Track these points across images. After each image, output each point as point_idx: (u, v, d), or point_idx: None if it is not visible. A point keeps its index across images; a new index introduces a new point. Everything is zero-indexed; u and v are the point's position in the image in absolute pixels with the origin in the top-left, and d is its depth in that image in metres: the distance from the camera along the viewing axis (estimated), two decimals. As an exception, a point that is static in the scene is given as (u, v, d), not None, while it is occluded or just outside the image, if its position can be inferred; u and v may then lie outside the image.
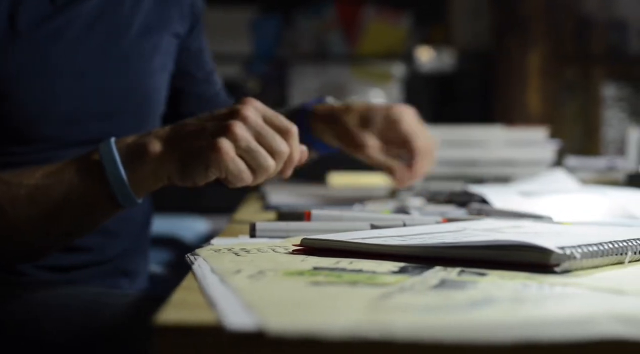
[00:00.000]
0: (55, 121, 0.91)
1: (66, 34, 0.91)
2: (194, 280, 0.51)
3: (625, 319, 0.38)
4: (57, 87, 0.90)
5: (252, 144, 0.73)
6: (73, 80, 0.91)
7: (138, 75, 0.98)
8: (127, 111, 0.97)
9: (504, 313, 0.40)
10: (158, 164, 0.76)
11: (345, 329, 0.36)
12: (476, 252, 0.58)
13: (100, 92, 0.94)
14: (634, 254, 0.62)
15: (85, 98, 0.93)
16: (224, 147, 0.72)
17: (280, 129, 0.76)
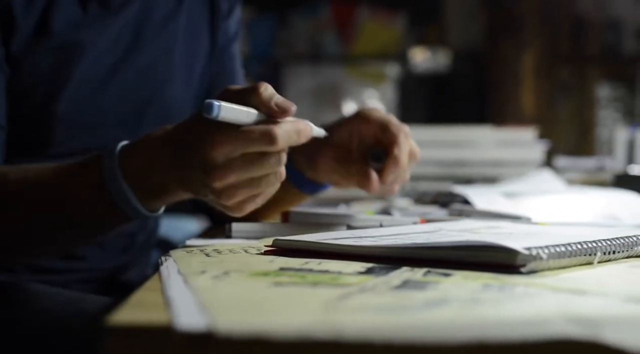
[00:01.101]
0: (74, 129, 0.91)
1: (94, 44, 0.91)
2: (159, 281, 0.51)
3: (577, 320, 0.38)
4: (78, 95, 0.90)
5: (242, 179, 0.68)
6: (95, 90, 0.92)
7: (159, 86, 0.99)
8: (145, 120, 0.98)
9: (456, 314, 0.40)
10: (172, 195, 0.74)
11: (295, 330, 0.36)
12: (443, 252, 0.58)
13: (120, 101, 0.95)
14: (603, 255, 0.63)
15: (105, 107, 0.94)
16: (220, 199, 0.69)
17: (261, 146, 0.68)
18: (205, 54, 1.06)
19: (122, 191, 0.71)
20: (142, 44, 0.96)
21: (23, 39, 0.86)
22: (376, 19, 4.09)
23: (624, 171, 1.60)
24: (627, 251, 0.65)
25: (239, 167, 0.67)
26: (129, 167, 0.72)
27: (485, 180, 1.75)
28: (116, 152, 0.72)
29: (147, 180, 0.72)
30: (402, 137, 0.88)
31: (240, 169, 0.67)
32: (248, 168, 0.67)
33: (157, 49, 0.97)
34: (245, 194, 0.69)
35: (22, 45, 0.86)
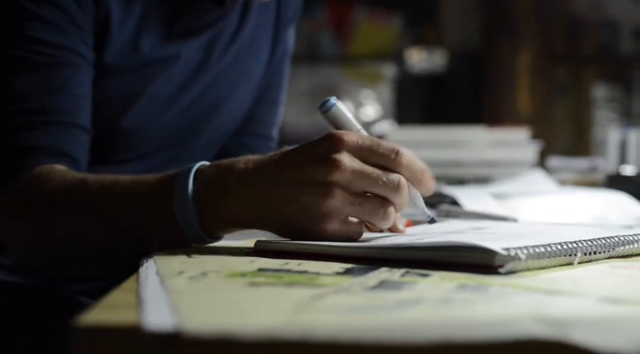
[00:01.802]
0: (138, 142, 0.94)
1: (173, 65, 0.94)
2: (137, 282, 0.51)
3: (545, 320, 0.39)
4: (145, 112, 0.93)
5: (355, 201, 0.64)
6: (160, 107, 0.95)
7: (217, 103, 1.02)
8: (202, 134, 1.01)
9: (427, 314, 0.40)
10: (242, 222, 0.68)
11: (263, 330, 0.36)
12: (422, 253, 0.58)
13: (180, 118, 0.98)
14: (584, 255, 0.63)
15: (166, 124, 0.96)
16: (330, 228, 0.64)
17: (384, 158, 0.65)
18: (264, 63, 1.08)
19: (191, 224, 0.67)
20: (209, 63, 0.98)
21: (115, 51, 0.88)
22: (373, 19, 4.09)
23: (616, 171, 1.60)
24: (609, 252, 0.65)
25: (359, 168, 0.63)
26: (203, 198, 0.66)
27: (478, 180, 1.75)
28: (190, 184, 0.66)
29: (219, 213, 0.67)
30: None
31: (359, 171, 0.63)
32: (367, 173, 0.63)
33: (221, 66, 1.00)
34: (349, 208, 0.63)
35: (113, 56, 0.88)
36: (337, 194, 0.62)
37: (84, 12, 0.83)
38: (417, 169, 0.67)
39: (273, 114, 1.14)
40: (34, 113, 0.80)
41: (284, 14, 1.09)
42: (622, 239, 0.67)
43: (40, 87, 0.80)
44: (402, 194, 0.65)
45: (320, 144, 0.64)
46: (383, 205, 0.65)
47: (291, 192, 0.64)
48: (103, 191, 0.72)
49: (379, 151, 0.65)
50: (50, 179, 0.75)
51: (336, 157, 0.63)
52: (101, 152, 0.90)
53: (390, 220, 0.66)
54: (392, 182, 0.64)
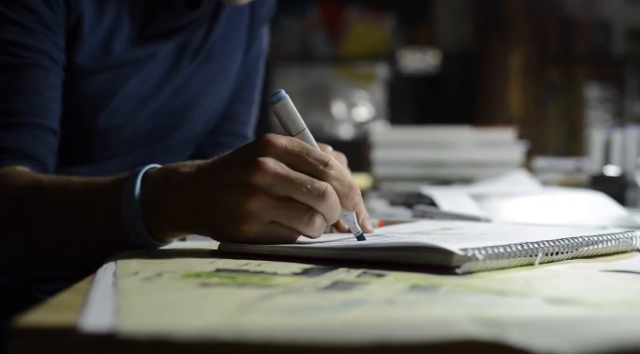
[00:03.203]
0: (112, 142, 0.95)
1: (144, 65, 0.94)
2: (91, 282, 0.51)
3: (483, 320, 0.39)
4: (118, 111, 0.94)
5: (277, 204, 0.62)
6: (133, 106, 0.95)
7: (191, 101, 1.02)
8: (174, 133, 1.01)
9: (368, 314, 0.40)
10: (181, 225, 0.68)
11: (198, 331, 0.36)
12: (381, 254, 0.58)
13: (153, 118, 0.98)
14: (545, 256, 0.63)
15: (139, 123, 0.97)
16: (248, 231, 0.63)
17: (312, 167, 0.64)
18: (240, 62, 1.08)
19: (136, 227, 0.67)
20: (182, 63, 0.99)
21: (87, 53, 0.88)
22: (365, 19, 4.09)
23: (600, 172, 1.60)
24: (572, 252, 0.66)
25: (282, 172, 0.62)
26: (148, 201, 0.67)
27: (463, 181, 1.76)
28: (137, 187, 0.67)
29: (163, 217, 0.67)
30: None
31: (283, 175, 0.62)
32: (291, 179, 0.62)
33: (194, 66, 1.00)
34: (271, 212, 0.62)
35: (85, 58, 0.88)
36: (258, 196, 0.62)
37: (55, 15, 0.84)
38: (346, 183, 0.65)
39: (248, 114, 1.15)
40: (0, 114, 0.80)
41: (258, 13, 1.09)
42: (586, 240, 0.67)
43: (8, 88, 0.80)
44: (328, 203, 0.63)
45: (250, 147, 0.64)
46: (307, 212, 0.63)
47: (216, 194, 0.63)
48: (55, 193, 0.72)
49: (307, 158, 0.64)
50: (9, 182, 0.75)
51: (261, 159, 0.62)
52: (76, 153, 0.90)
53: (315, 228, 0.64)
54: (317, 190, 0.63)
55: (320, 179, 0.63)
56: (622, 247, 0.71)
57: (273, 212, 0.62)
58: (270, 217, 0.63)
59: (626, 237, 0.72)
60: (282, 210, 0.63)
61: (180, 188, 0.66)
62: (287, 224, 0.63)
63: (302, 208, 0.63)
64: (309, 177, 0.63)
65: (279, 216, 0.63)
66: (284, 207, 0.63)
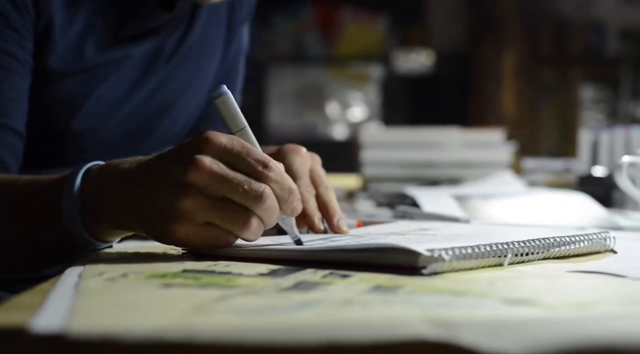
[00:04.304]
0: (86, 145, 0.94)
1: (118, 67, 0.94)
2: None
3: (435, 321, 0.39)
4: (92, 113, 0.93)
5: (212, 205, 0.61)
6: (108, 109, 0.95)
7: (168, 103, 1.02)
8: (152, 135, 1.01)
9: (321, 315, 0.41)
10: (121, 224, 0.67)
11: (148, 332, 0.36)
12: (348, 255, 0.58)
13: (129, 119, 0.98)
14: (515, 256, 0.63)
15: (115, 125, 0.96)
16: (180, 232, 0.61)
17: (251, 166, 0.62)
18: (219, 61, 1.08)
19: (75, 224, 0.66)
20: (157, 64, 0.98)
21: (58, 56, 0.88)
22: (359, 20, 4.09)
23: (587, 172, 1.60)
24: (543, 253, 0.66)
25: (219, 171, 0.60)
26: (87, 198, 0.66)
27: (451, 181, 1.76)
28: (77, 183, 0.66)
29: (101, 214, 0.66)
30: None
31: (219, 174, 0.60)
32: (227, 178, 0.60)
33: (170, 66, 1.00)
34: (205, 212, 0.60)
35: (57, 61, 0.88)
36: (192, 195, 0.60)
37: (23, 18, 0.83)
38: (285, 186, 0.63)
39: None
40: None
41: (238, 12, 1.09)
42: (557, 241, 0.67)
43: None
44: (265, 205, 0.61)
45: (189, 144, 0.62)
46: (243, 214, 0.61)
47: (150, 192, 0.61)
48: (2, 190, 0.72)
49: (246, 158, 0.61)
50: None
51: (197, 157, 0.60)
52: (52, 155, 0.90)
53: (251, 231, 0.62)
54: (253, 191, 0.60)
55: (258, 180, 0.61)
56: (595, 247, 0.71)
57: (207, 213, 0.60)
58: (204, 218, 0.61)
59: (600, 237, 0.72)
60: (216, 211, 0.60)
61: (118, 186, 0.64)
62: (222, 226, 0.61)
63: (238, 209, 0.61)
64: (246, 177, 0.61)
65: (214, 217, 0.61)
66: (219, 208, 0.60)
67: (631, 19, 4.23)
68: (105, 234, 0.68)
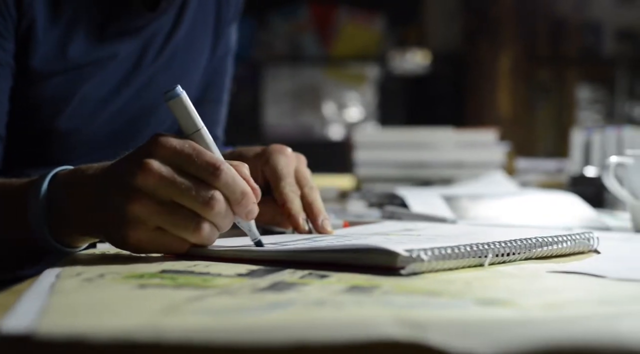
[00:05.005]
0: (73, 145, 0.94)
1: (104, 66, 0.94)
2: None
3: (405, 322, 0.39)
4: (78, 113, 0.93)
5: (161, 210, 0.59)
6: (95, 108, 0.94)
7: (154, 102, 1.01)
8: (139, 135, 1.00)
9: (292, 316, 0.41)
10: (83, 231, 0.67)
11: (116, 332, 0.36)
12: (327, 256, 0.58)
13: (115, 119, 0.97)
14: (496, 257, 0.63)
15: (101, 125, 0.96)
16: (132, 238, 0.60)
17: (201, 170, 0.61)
18: (205, 61, 1.08)
19: (41, 228, 0.66)
20: (143, 63, 0.98)
21: (41, 56, 0.87)
22: (355, 20, 4.09)
23: (580, 172, 1.60)
24: (525, 253, 0.66)
25: (167, 175, 0.59)
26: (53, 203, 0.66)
27: (444, 181, 1.76)
28: (43, 187, 0.66)
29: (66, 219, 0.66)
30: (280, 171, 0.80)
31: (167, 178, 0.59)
32: (176, 183, 0.59)
33: (157, 66, 0.99)
34: (154, 218, 0.59)
35: (39, 62, 0.88)
36: (142, 200, 0.59)
37: (5, 20, 0.83)
38: (237, 189, 0.61)
39: (217, 114, 1.14)
40: None
41: (225, 13, 1.09)
42: (540, 241, 0.67)
43: None
44: (215, 211, 0.60)
45: (141, 148, 0.62)
46: (194, 219, 0.60)
47: (104, 198, 0.61)
48: None
49: (196, 161, 0.60)
50: None
51: (147, 161, 0.59)
52: (37, 155, 0.90)
53: (204, 236, 0.60)
54: (202, 196, 0.59)
55: (210, 183, 0.60)
56: (579, 248, 0.71)
57: (157, 218, 0.59)
58: (155, 223, 0.59)
59: (583, 238, 0.72)
60: (167, 216, 0.59)
61: (81, 191, 0.64)
62: (173, 232, 0.60)
63: (189, 215, 0.60)
64: (195, 182, 0.60)
65: (164, 222, 0.59)
66: (169, 213, 0.59)
67: (627, 20, 4.23)
68: (71, 240, 0.67)
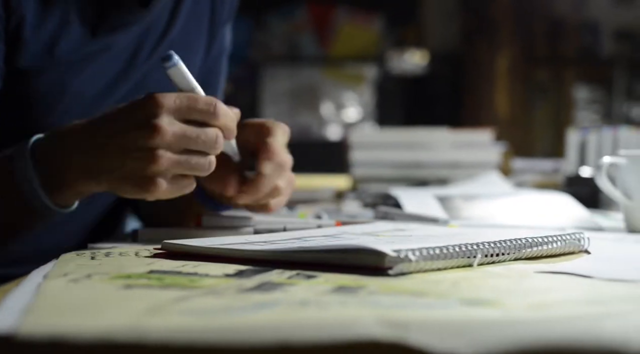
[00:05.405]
0: None
1: (95, 62, 0.93)
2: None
3: (387, 322, 0.39)
4: (72, 111, 0.92)
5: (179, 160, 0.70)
6: (88, 106, 0.94)
7: None
8: None
9: (275, 316, 0.41)
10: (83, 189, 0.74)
11: (98, 333, 0.36)
12: (315, 256, 0.58)
13: None
14: (485, 257, 0.63)
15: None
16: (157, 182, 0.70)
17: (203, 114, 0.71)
18: (200, 60, 1.08)
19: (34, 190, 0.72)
20: (137, 59, 0.98)
21: (30, 54, 0.88)
22: (353, 20, 4.09)
23: (575, 173, 1.60)
24: (515, 254, 0.66)
25: (179, 130, 0.69)
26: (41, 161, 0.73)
27: (440, 182, 1.76)
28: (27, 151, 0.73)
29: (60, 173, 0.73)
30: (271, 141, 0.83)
31: (179, 133, 0.69)
32: (187, 134, 0.69)
33: (151, 63, 0.99)
34: (175, 168, 0.69)
35: (29, 60, 0.88)
36: (161, 157, 0.68)
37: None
38: (233, 123, 0.73)
39: None
40: None
41: (219, 13, 1.09)
42: (529, 241, 0.67)
43: None
44: (219, 146, 0.72)
45: (141, 108, 0.70)
46: (205, 159, 0.71)
47: (117, 159, 0.69)
48: None
49: (197, 107, 0.70)
50: None
51: (156, 122, 0.68)
52: None
53: (211, 169, 0.72)
54: (210, 139, 0.71)
55: (212, 121, 0.71)
56: (569, 248, 0.71)
57: (178, 168, 0.70)
58: (176, 172, 0.70)
59: (573, 238, 0.72)
60: (185, 163, 0.70)
61: (76, 150, 0.72)
62: (192, 173, 0.71)
63: (200, 157, 0.71)
64: (201, 129, 0.70)
65: (184, 169, 0.70)
66: (185, 160, 0.70)
67: (625, 20, 4.23)
68: (64, 199, 0.73)
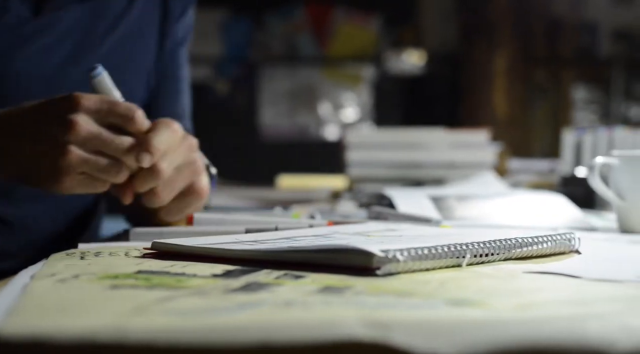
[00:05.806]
0: None
1: (38, 40, 0.92)
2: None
3: (370, 322, 0.39)
4: (23, 90, 0.91)
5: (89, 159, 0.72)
6: (44, 86, 0.92)
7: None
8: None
9: (258, 316, 0.41)
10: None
11: (79, 333, 0.36)
12: (303, 256, 0.58)
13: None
14: (474, 257, 0.63)
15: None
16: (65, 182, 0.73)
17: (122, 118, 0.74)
18: (153, 55, 1.07)
19: None
20: (94, 40, 0.96)
21: None
22: (351, 20, 4.09)
23: (570, 173, 1.61)
24: (504, 254, 0.66)
25: (94, 130, 0.72)
26: None
27: (436, 182, 1.76)
28: None
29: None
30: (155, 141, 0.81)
31: (94, 133, 0.71)
32: (102, 136, 0.72)
33: (110, 45, 0.98)
34: (83, 166, 0.72)
35: None
36: (71, 152, 0.71)
37: None
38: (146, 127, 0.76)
39: (176, 106, 1.12)
40: None
41: (172, 9, 1.09)
42: (519, 241, 0.67)
43: None
44: (131, 156, 0.74)
45: (61, 104, 0.73)
46: (115, 165, 0.74)
47: (27, 147, 0.72)
48: None
49: (117, 111, 0.73)
50: None
51: (73, 118, 0.71)
52: None
53: (121, 177, 0.74)
54: (123, 144, 0.73)
55: (129, 127, 0.74)
56: (559, 248, 0.71)
57: (87, 167, 0.72)
58: (85, 171, 0.73)
59: (564, 238, 0.72)
60: (94, 164, 0.73)
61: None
62: (100, 176, 0.74)
63: (111, 161, 0.73)
64: (115, 132, 0.73)
65: (92, 169, 0.73)
66: (95, 161, 0.73)
67: (624, 20, 4.23)
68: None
